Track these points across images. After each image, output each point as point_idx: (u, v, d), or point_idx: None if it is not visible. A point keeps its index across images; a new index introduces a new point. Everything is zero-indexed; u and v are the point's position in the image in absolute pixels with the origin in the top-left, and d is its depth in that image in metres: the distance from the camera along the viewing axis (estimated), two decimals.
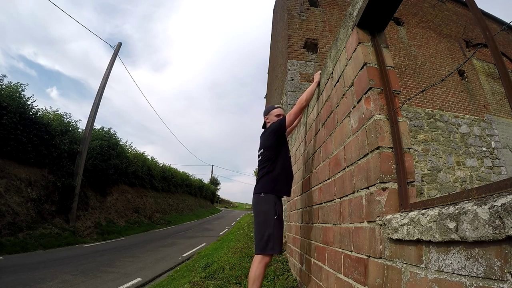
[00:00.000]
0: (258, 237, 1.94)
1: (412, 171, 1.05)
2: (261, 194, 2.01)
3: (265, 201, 1.98)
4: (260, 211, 1.99)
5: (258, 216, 2.00)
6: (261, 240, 1.89)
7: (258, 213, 2.01)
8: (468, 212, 0.60)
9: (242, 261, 3.76)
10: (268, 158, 2.07)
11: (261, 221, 1.96)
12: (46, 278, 4.46)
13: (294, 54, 6.92)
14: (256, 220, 2.02)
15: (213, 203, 40.67)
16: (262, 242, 1.89)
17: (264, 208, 1.97)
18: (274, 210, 1.94)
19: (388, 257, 0.95)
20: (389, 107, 1.14)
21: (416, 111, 6.88)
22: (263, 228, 1.93)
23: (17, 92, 8.47)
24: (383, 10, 1.23)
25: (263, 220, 1.95)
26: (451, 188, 6.38)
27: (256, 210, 2.04)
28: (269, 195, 1.99)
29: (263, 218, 1.95)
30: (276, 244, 1.89)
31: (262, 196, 2.00)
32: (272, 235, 1.88)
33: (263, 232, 1.91)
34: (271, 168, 2.03)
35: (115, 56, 11.83)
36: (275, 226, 1.92)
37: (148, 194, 16.81)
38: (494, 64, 1.87)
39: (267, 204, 1.97)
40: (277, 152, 2.08)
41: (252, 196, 2.12)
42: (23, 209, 7.80)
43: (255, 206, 2.07)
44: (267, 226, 1.91)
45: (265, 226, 1.92)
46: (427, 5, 8.82)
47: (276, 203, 1.97)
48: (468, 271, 0.61)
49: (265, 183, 2.03)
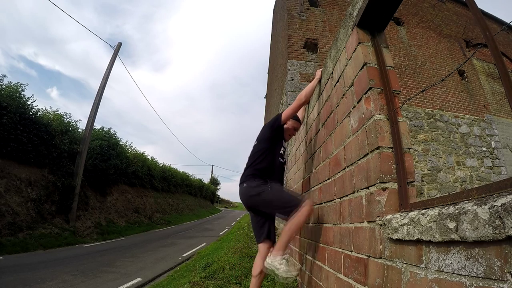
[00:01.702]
0: (278, 212, 1.84)
1: (412, 171, 1.05)
2: (244, 184, 1.94)
3: (252, 187, 1.91)
4: (257, 200, 1.89)
5: (260, 204, 1.90)
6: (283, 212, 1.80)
7: (256, 199, 1.90)
8: (468, 212, 0.60)
9: (242, 261, 3.76)
10: (258, 150, 2.02)
11: (265, 201, 1.86)
12: (46, 278, 4.46)
13: (294, 54, 6.92)
14: (262, 204, 1.90)
15: (213, 203, 40.67)
16: (283, 211, 1.80)
17: (256, 191, 1.88)
18: (264, 186, 1.87)
19: (388, 257, 0.95)
20: (389, 107, 1.14)
21: (416, 111, 6.88)
22: (274, 206, 1.84)
23: (17, 92, 8.47)
24: (383, 10, 1.23)
25: (267, 202, 1.86)
26: (451, 188, 6.38)
27: (252, 202, 1.93)
28: (254, 179, 1.92)
29: (265, 200, 1.86)
30: (294, 199, 1.83)
31: (245, 186, 1.94)
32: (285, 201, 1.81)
33: (277, 208, 1.83)
34: (259, 160, 1.98)
35: (115, 56, 11.83)
36: (277, 195, 1.85)
37: (148, 194, 16.80)
38: (494, 64, 1.87)
39: (256, 187, 1.89)
40: (268, 146, 2.03)
41: (239, 188, 2.03)
42: (23, 209, 7.80)
43: (248, 199, 1.95)
44: (275, 202, 1.83)
45: (275, 204, 1.83)
46: (427, 5, 8.82)
47: (262, 183, 1.90)
48: (468, 271, 0.61)
49: (249, 172, 1.96)
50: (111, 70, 11.68)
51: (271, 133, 2.05)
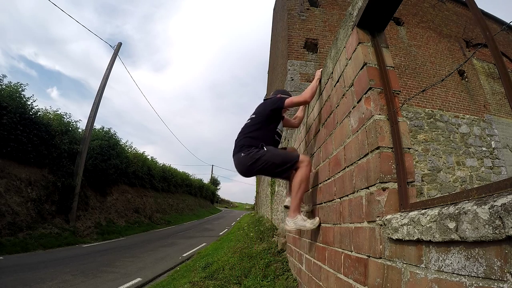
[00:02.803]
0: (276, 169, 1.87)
1: (412, 171, 1.05)
2: (242, 154, 1.95)
3: (249, 155, 1.91)
4: (255, 161, 1.89)
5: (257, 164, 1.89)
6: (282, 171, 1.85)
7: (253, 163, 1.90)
8: (468, 212, 0.60)
9: (242, 261, 3.76)
10: (255, 123, 2.05)
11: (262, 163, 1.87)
12: (46, 278, 4.46)
13: (294, 54, 6.92)
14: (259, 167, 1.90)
15: (213, 203, 40.67)
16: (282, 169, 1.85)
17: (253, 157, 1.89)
18: (261, 151, 1.90)
19: (388, 257, 0.95)
20: (389, 107, 1.14)
21: (416, 111, 6.88)
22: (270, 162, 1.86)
23: (17, 92, 8.47)
24: (383, 10, 1.23)
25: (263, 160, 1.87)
26: (451, 188, 6.37)
27: (251, 170, 1.94)
28: (249, 148, 1.94)
29: (263, 160, 1.87)
30: (291, 155, 1.89)
31: (242, 156, 1.94)
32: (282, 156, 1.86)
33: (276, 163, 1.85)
34: (255, 130, 2.01)
35: (115, 56, 11.83)
36: (275, 155, 1.87)
37: (148, 194, 16.81)
38: (494, 64, 1.87)
39: (254, 154, 1.90)
40: (265, 121, 2.05)
41: (233, 159, 2.04)
42: (23, 209, 7.80)
43: (246, 168, 1.96)
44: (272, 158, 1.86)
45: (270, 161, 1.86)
46: (427, 5, 8.82)
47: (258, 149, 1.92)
48: (468, 271, 0.61)
49: (245, 142, 1.98)
50: (111, 70, 11.69)
51: (270, 111, 2.08)
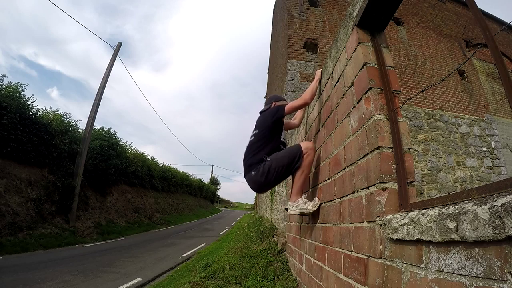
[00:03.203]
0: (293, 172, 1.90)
1: (412, 171, 1.05)
2: (252, 173, 1.96)
3: (258, 173, 1.92)
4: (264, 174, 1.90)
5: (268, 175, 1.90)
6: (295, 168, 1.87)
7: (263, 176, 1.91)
8: (468, 212, 0.60)
9: (242, 261, 3.76)
10: (260, 139, 2.04)
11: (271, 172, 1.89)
12: (46, 278, 4.46)
13: (294, 54, 6.91)
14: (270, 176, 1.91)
15: (213, 203, 40.67)
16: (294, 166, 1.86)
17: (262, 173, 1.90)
18: (264, 162, 1.91)
19: (388, 257, 0.95)
20: (389, 107, 1.14)
21: (416, 111, 6.88)
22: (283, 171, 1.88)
23: (17, 92, 8.47)
24: (383, 10, 1.23)
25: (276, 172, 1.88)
26: (451, 188, 6.37)
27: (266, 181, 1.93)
28: (257, 165, 1.95)
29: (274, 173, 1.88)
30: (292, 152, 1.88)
31: (253, 174, 1.95)
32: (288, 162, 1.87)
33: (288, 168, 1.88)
34: (261, 151, 2.00)
35: (115, 56, 11.83)
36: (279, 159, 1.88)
37: (148, 194, 16.81)
38: (494, 64, 1.87)
39: (261, 170, 1.90)
40: (269, 135, 2.05)
41: (246, 179, 2.06)
42: (23, 209, 7.80)
43: (260, 185, 1.98)
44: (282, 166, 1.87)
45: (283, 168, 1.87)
46: (427, 5, 8.82)
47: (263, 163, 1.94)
48: (468, 271, 0.61)
49: (253, 161, 1.99)
50: (111, 70, 11.70)
51: (272, 123, 2.06)
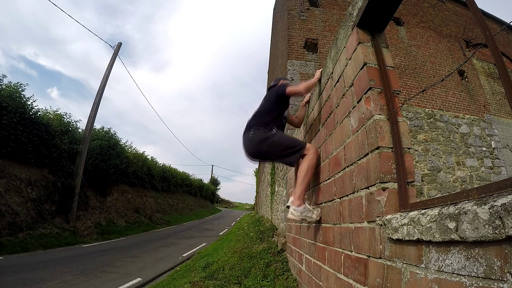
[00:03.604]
0: (282, 154, 1.93)
1: (412, 171, 1.05)
2: (251, 132, 2.01)
3: (258, 133, 1.98)
4: (261, 141, 1.96)
5: (264, 145, 1.96)
6: (288, 154, 1.90)
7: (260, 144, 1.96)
8: (468, 212, 0.60)
9: (242, 261, 3.75)
10: (265, 108, 2.14)
11: (270, 145, 1.94)
12: (46, 278, 4.46)
13: (294, 54, 6.92)
14: (265, 149, 1.97)
15: (213, 203, 40.67)
16: (288, 152, 1.89)
17: (261, 136, 1.96)
18: (270, 132, 1.97)
19: (388, 257, 0.95)
20: (389, 107, 1.14)
21: (416, 111, 6.88)
22: (278, 146, 1.92)
23: (17, 92, 8.47)
24: (383, 10, 1.23)
25: (271, 143, 1.94)
26: (451, 188, 6.37)
27: (258, 149, 1.99)
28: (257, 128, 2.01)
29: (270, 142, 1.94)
30: (298, 142, 1.94)
31: (251, 133, 2.01)
32: (288, 143, 1.91)
33: (282, 147, 1.92)
34: (265, 114, 2.08)
35: (115, 56, 11.83)
36: (283, 138, 1.95)
37: (148, 194, 16.81)
38: (494, 64, 1.87)
39: (262, 133, 1.97)
40: (273, 106, 2.14)
41: (243, 138, 2.09)
42: (23, 209, 7.80)
43: (253, 146, 2.01)
44: (279, 142, 1.92)
45: (278, 144, 1.92)
46: (427, 5, 8.82)
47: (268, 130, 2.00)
48: (468, 271, 0.61)
49: (255, 123, 2.05)
50: (111, 70, 11.70)
51: (276, 96, 2.17)
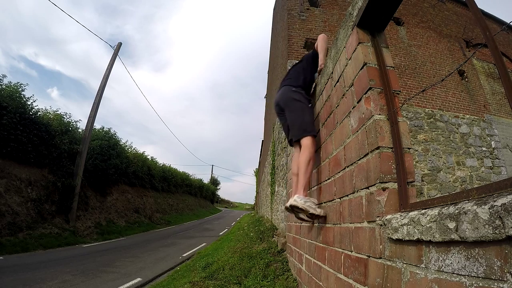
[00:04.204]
0: (297, 123, 2.02)
1: (412, 171, 1.05)
2: (293, 88, 2.14)
3: (297, 93, 2.11)
4: (294, 100, 2.09)
5: (293, 104, 2.08)
6: (301, 125, 1.98)
7: (291, 101, 2.10)
8: (468, 212, 0.60)
9: (242, 261, 3.75)
10: (305, 68, 2.26)
11: (296, 108, 2.05)
12: (46, 278, 4.46)
13: (294, 54, 6.91)
14: (291, 108, 2.09)
15: (213, 203, 40.68)
16: (303, 126, 1.97)
17: (297, 96, 2.09)
18: (306, 100, 2.10)
19: (388, 257, 0.95)
20: (389, 107, 1.14)
21: (416, 111, 6.88)
22: (300, 114, 2.01)
23: (17, 92, 8.47)
24: (383, 10, 1.23)
25: (299, 107, 2.05)
26: (451, 188, 6.37)
27: (288, 100, 2.13)
28: (300, 89, 2.13)
29: (299, 106, 2.05)
30: (313, 126, 2.00)
31: (293, 89, 2.13)
32: (309, 121, 2.00)
33: (301, 118, 2.00)
34: (306, 74, 2.21)
35: (115, 56, 11.83)
36: (310, 113, 2.05)
37: (148, 194, 16.81)
38: (494, 64, 1.87)
39: (299, 95, 2.09)
40: (308, 65, 2.27)
41: (280, 89, 2.23)
42: (23, 209, 7.80)
43: (286, 97, 2.15)
44: (304, 113, 2.01)
45: (302, 113, 2.02)
46: (427, 5, 8.81)
47: (307, 98, 2.12)
48: (468, 271, 0.61)
49: (295, 80, 2.19)
50: (111, 70, 11.70)
51: (313, 60, 2.29)
